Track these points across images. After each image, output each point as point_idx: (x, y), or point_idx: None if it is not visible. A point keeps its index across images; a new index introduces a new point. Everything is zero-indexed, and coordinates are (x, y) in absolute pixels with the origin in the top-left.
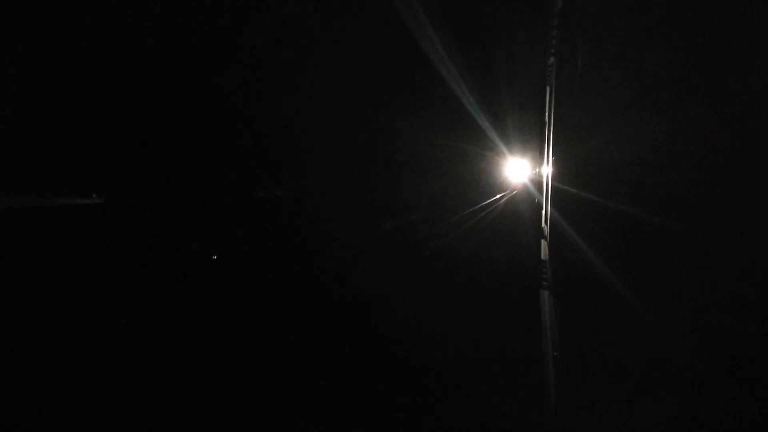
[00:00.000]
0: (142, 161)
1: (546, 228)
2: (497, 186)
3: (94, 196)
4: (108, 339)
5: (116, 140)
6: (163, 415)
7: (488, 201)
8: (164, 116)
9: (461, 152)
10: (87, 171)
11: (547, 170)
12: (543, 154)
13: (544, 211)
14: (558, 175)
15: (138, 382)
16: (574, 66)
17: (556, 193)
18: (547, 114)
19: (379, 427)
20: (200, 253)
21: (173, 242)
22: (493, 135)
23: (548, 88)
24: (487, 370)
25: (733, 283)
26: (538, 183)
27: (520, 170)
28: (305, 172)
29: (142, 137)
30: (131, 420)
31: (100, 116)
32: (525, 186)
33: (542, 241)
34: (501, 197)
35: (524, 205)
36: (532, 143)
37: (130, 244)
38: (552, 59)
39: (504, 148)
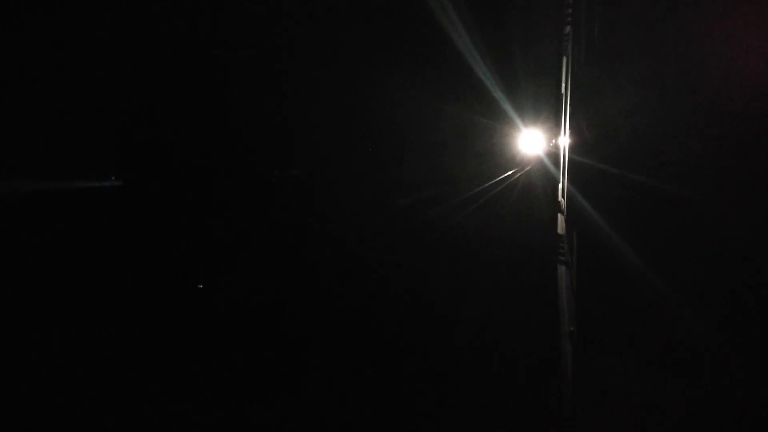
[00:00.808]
0: (156, 149)
1: (563, 202)
2: (512, 159)
3: (113, 178)
4: (114, 322)
5: (132, 133)
6: (163, 410)
7: (503, 175)
8: (173, 107)
9: (474, 125)
10: (107, 158)
11: (563, 142)
12: (559, 125)
13: (561, 185)
14: (575, 147)
15: (142, 372)
16: (591, 34)
17: (573, 165)
18: (564, 85)
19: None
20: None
21: (182, 228)
22: (508, 107)
23: (565, 58)
24: (502, 345)
25: (758, 259)
26: (554, 156)
27: (535, 143)
28: (313, 150)
29: (156, 129)
30: (128, 412)
31: (119, 110)
32: (540, 159)
33: (559, 215)
34: (516, 171)
35: (540, 178)
36: (548, 114)
37: (143, 226)
38: (568, 28)
39: (519, 121)
